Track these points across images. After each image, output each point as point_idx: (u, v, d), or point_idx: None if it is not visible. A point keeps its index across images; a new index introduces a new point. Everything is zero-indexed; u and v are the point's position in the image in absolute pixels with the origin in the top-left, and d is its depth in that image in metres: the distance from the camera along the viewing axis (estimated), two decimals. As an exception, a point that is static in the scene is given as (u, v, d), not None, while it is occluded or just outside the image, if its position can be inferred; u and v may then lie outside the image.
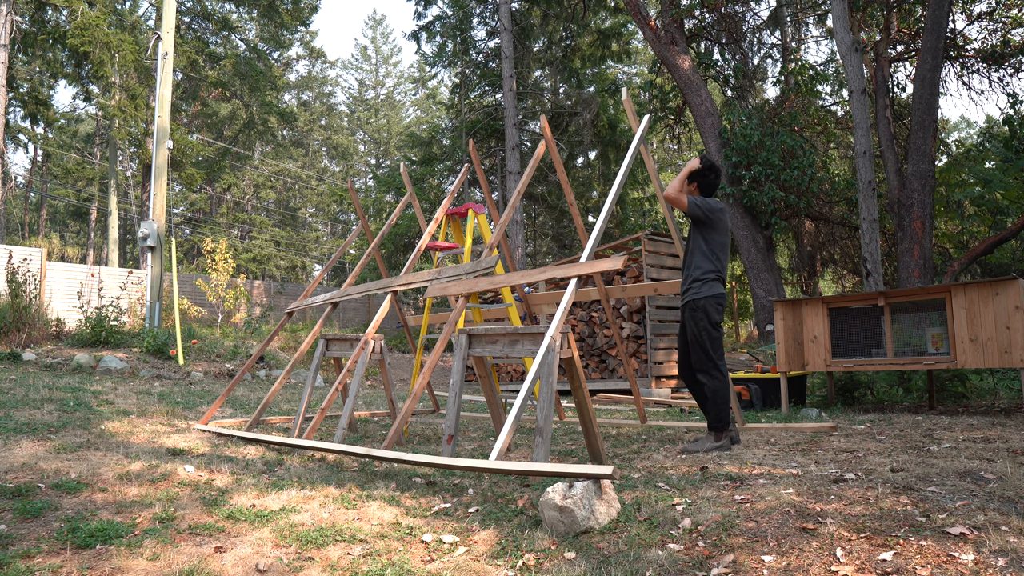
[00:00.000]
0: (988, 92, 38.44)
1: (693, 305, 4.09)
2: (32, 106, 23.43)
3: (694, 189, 4.28)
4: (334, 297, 5.74)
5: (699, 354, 4.07)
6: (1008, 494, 2.64)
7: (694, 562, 2.19)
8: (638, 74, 26.85)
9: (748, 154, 10.82)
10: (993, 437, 3.99)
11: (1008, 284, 5.14)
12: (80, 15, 16.55)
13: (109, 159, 26.05)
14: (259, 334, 14.62)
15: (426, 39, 19.87)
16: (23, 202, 35.59)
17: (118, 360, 8.68)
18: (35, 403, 5.28)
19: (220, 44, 24.65)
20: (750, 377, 6.64)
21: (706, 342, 4.06)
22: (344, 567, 2.30)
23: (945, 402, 6.32)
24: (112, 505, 2.90)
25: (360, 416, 6.32)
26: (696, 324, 4.08)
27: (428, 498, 3.10)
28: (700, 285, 4.09)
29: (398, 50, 48.64)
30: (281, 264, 31.96)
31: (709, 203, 4.13)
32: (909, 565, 2.01)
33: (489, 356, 4.10)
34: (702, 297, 4.07)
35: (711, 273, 4.09)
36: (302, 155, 38.02)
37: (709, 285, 4.09)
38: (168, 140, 12.19)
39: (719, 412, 4.03)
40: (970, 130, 33.69)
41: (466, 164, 6.46)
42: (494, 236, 4.84)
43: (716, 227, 4.13)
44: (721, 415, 4.03)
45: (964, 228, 12.86)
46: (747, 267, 11.18)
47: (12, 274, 9.41)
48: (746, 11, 14.00)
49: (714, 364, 4.06)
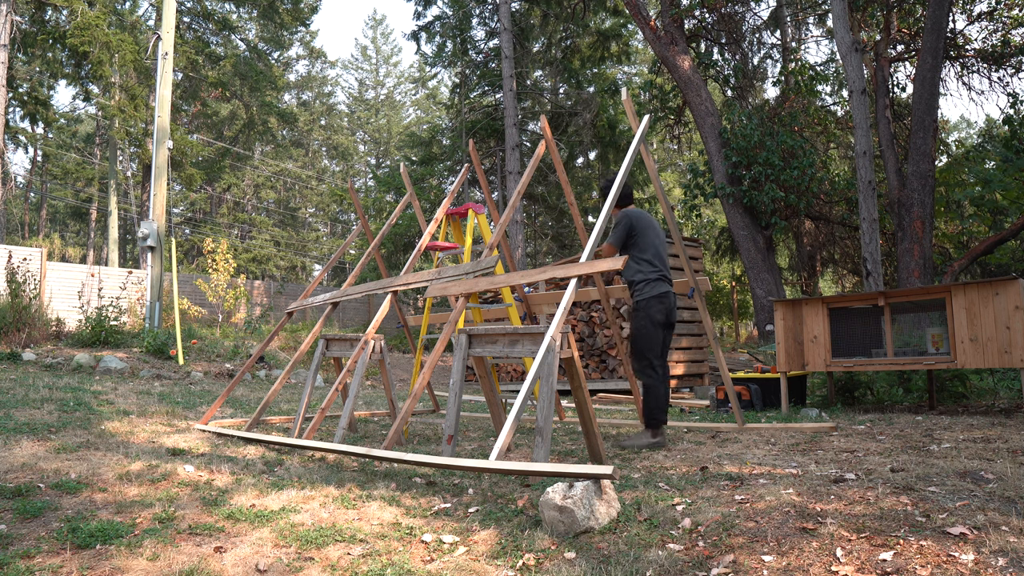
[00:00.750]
0: (988, 92, 38.42)
1: (637, 306, 4.32)
2: (32, 106, 23.44)
3: (616, 212, 4.56)
4: (334, 297, 5.74)
5: (636, 352, 4.30)
6: (1008, 494, 2.64)
7: (694, 562, 2.19)
8: (638, 74, 26.85)
9: (748, 154, 10.82)
10: (993, 437, 3.99)
11: (1008, 284, 5.14)
12: (80, 15, 16.55)
13: (109, 159, 26.05)
14: (259, 334, 14.63)
15: (426, 39, 19.87)
16: (23, 202, 35.60)
17: (118, 360, 8.68)
18: (35, 403, 5.28)
19: (220, 44, 24.65)
20: (750, 377, 6.64)
21: (640, 341, 4.27)
22: (344, 567, 2.30)
23: (945, 402, 6.32)
24: (112, 505, 2.90)
25: (360, 416, 6.32)
26: (636, 323, 4.30)
27: (428, 498, 3.10)
28: (644, 286, 4.30)
29: (398, 50, 48.66)
30: (281, 264, 31.96)
31: (628, 221, 4.38)
32: (909, 565, 2.01)
33: (489, 356, 4.10)
34: (645, 298, 4.29)
35: (653, 273, 4.31)
36: (302, 155, 38.03)
37: (651, 285, 4.30)
38: (168, 140, 12.19)
39: (651, 409, 4.23)
40: (970, 130, 33.71)
41: (466, 164, 6.46)
42: (494, 236, 4.84)
43: (643, 232, 4.38)
44: (654, 412, 4.22)
45: (964, 228, 12.86)
46: (747, 267, 11.18)
47: (12, 274, 9.42)
48: (746, 11, 14.01)
49: (649, 363, 4.26)
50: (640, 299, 4.30)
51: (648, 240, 4.38)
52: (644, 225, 4.39)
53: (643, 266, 4.32)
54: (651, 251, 4.35)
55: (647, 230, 4.39)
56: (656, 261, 4.33)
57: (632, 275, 4.35)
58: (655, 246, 4.39)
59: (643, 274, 4.31)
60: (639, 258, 4.35)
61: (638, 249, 4.36)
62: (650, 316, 4.25)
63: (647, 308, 4.26)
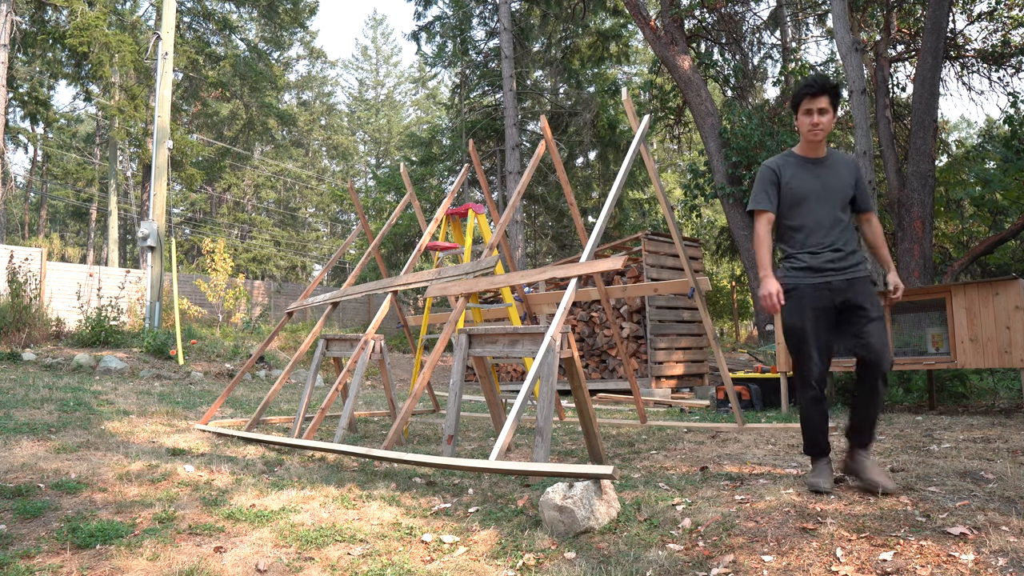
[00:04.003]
0: (988, 92, 38.32)
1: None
2: (32, 106, 23.43)
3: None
4: (334, 297, 5.74)
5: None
6: (1008, 494, 2.64)
7: (694, 562, 2.19)
8: (638, 74, 26.84)
9: (748, 154, 10.82)
10: (993, 437, 3.99)
11: (1008, 284, 5.14)
12: (80, 15, 16.54)
13: (109, 159, 26.05)
14: (259, 334, 14.62)
15: (426, 39, 19.87)
16: (23, 202, 35.58)
17: (118, 360, 8.68)
18: (35, 403, 5.28)
19: (220, 44, 24.64)
20: (750, 377, 6.64)
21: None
22: (344, 567, 2.30)
23: (945, 402, 6.31)
24: (112, 505, 2.90)
25: (360, 416, 6.31)
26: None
27: (428, 498, 3.10)
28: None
29: (398, 50, 48.67)
30: (281, 264, 31.94)
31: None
32: (909, 565, 2.01)
33: (489, 356, 4.10)
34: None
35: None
36: (302, 155, 38.01)
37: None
38: (168, 140, 12.18)
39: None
40: (970, 130, 33.68)
41: (466, 164, 6.46)
42: (494, 236, 4.84)
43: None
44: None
45: (964, 228, 12.86)
46: (747, 267, 11.18)
47: (13, 274, 9.41)
48: (746, 11, 14.01)
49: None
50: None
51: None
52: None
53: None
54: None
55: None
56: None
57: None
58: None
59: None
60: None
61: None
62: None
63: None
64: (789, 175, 2.97)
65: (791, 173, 2.97)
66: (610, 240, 16.77)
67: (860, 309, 2.83)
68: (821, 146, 2.98)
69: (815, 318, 2.86)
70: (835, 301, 2.87)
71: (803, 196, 2.93)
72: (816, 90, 2.86)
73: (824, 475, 2.86)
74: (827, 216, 2.92)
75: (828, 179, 2.95)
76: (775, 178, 3.00)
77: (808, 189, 2.93)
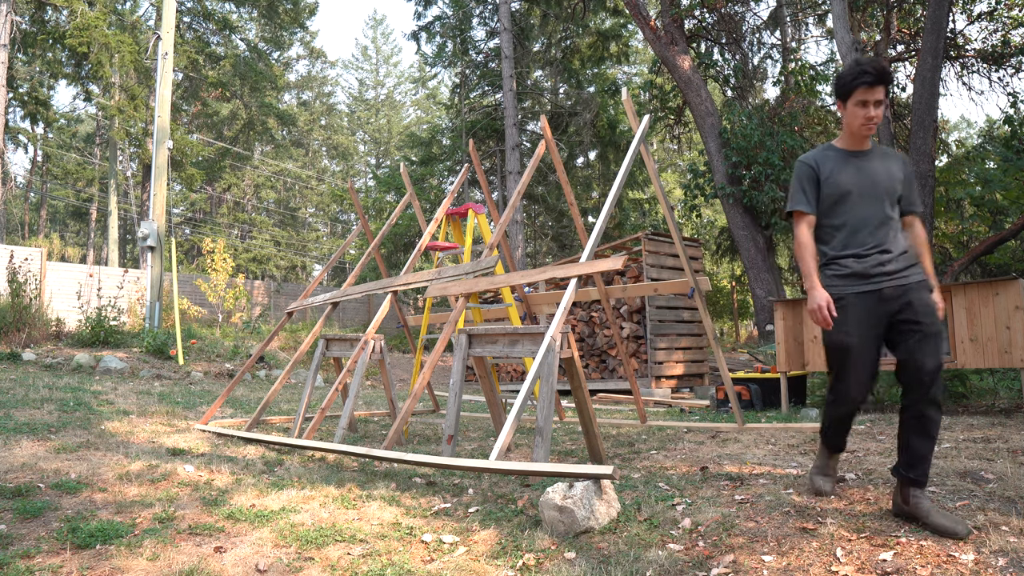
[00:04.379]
0: (988, 92, 38.35)
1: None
2: (32, 106, 23.43)
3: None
4: (334, 297, 5.74)
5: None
6: (1008, 494, 2.64)
7: (694, 562, 2.19)
8: (638, 74, 26.84)
9: (748, 154, 10.82)
10: (993, 437, 3.99)
11: (1008, 284, 5.14)
12: (80, 15, 16.54)
13: (109, 159, 26.05)
14: (259, 334, 14.62)
15: (426, 39, 19.87)
16: (23, 202, 35.58)
17: (118, 360, 8.68)
18: (35, 403, 5.28)
19: (220, 44, 24.64)
20: (750, 377, 6.64)
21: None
22: (344, 567, 2.30)
23: (945, 402, 6.31)
24: (112, 505, 2.90)
25: (360, 416, 6.31)
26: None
27: (428, 498, 3.10)
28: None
29: (398, 50, 48.67)
30: (281, 264, 31.93)
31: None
32: (909, 565, 2.01)
33: (489, 356, 4.10)
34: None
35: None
36: (302, 155, 38.01)
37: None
38: (168, 140, 12.18)
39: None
40: (970, 130, 33.70)
41: (466, 164, 6.46)
42: (494, 236, 4.84)
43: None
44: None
45: (964, 228, 12.85)
46: (747, 267, 11.18)
47: (13, 274, 9.41)
48: (746, 11, 14.01)
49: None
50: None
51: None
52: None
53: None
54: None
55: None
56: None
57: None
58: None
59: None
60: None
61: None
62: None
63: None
64: (829, 169, 2.63)
65: (831, 167, 2.63)
66: (610, 240, 16.77)
67: (914, 323, 2.45)
68: (867, 139, 2.64)
69: (863, 333, 2.50)
70: (887, 311, 2.50)
71: (846, 191, 2.58)
72: (873, 79, 2.48)
73: (827, 475, 2.78)
74: (874, 214, 2.56)
75: (875, 173, 2.60)
76: (814, 175, 2.65)
77: (852, 183, 2.58)
